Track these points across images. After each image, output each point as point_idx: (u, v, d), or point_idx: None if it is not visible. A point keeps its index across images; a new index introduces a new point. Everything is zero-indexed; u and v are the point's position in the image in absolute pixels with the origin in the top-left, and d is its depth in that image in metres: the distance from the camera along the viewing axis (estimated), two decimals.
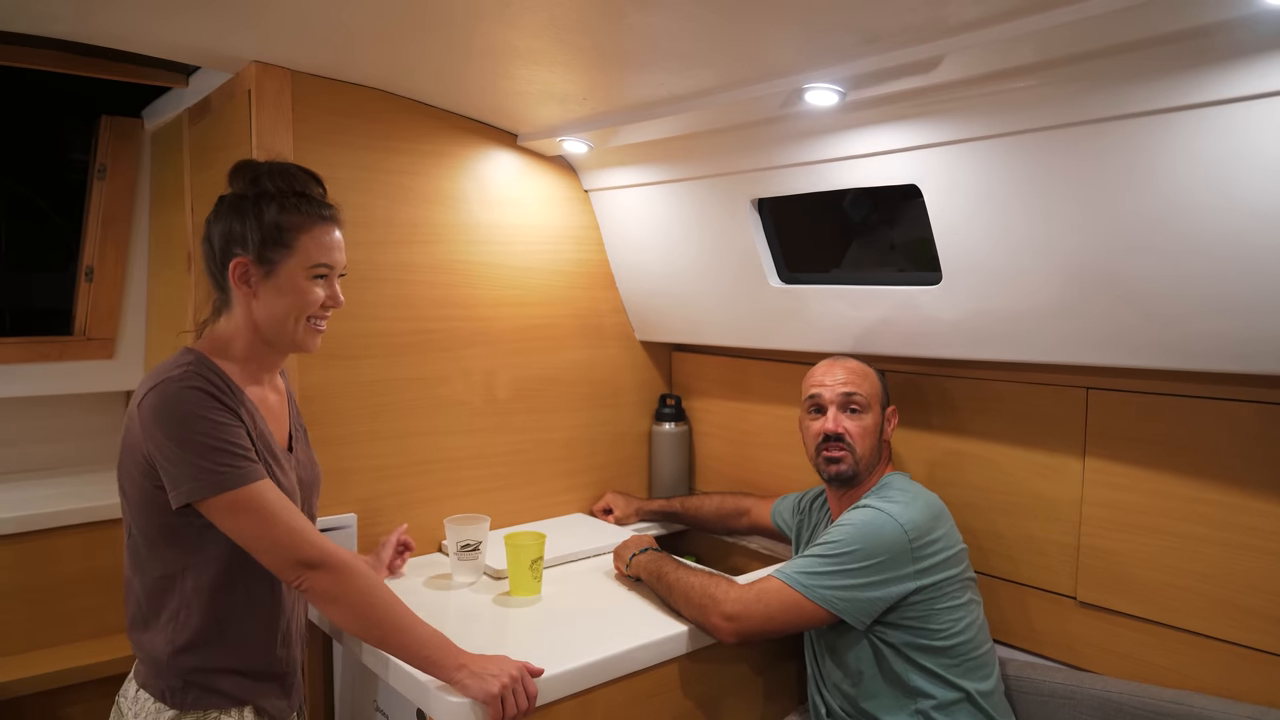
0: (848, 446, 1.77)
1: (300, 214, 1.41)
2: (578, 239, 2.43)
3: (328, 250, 1.43)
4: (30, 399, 2.81)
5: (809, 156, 1.84)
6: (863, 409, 1.79)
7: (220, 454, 1.28)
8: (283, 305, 1.40)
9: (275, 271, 1.39)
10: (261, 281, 1.39)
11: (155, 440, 1.29)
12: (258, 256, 1.38)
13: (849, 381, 1.80)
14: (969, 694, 1.61)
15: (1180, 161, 1.33)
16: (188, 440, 1.27)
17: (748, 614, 1.60)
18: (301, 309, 1.42)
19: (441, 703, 1.40)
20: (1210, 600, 1.59)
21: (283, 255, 1.39)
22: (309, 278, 1.41)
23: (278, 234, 1.38)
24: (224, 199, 1.43)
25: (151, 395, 1.30)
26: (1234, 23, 1.15)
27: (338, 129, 1.96)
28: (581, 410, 2.47)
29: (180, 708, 1.36)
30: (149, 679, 1.39)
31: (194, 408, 1.29)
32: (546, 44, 1.64)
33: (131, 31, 1.82)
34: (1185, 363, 1.52)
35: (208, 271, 1.44)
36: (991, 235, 1.64)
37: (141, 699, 1.38)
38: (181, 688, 1.37)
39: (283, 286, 1.40)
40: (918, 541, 1.61)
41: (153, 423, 1.29)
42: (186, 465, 1.27)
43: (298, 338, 1.43)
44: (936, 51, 1.37)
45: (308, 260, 1.41)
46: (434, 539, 2.16)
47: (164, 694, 1.37)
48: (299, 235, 1.40)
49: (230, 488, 1.28)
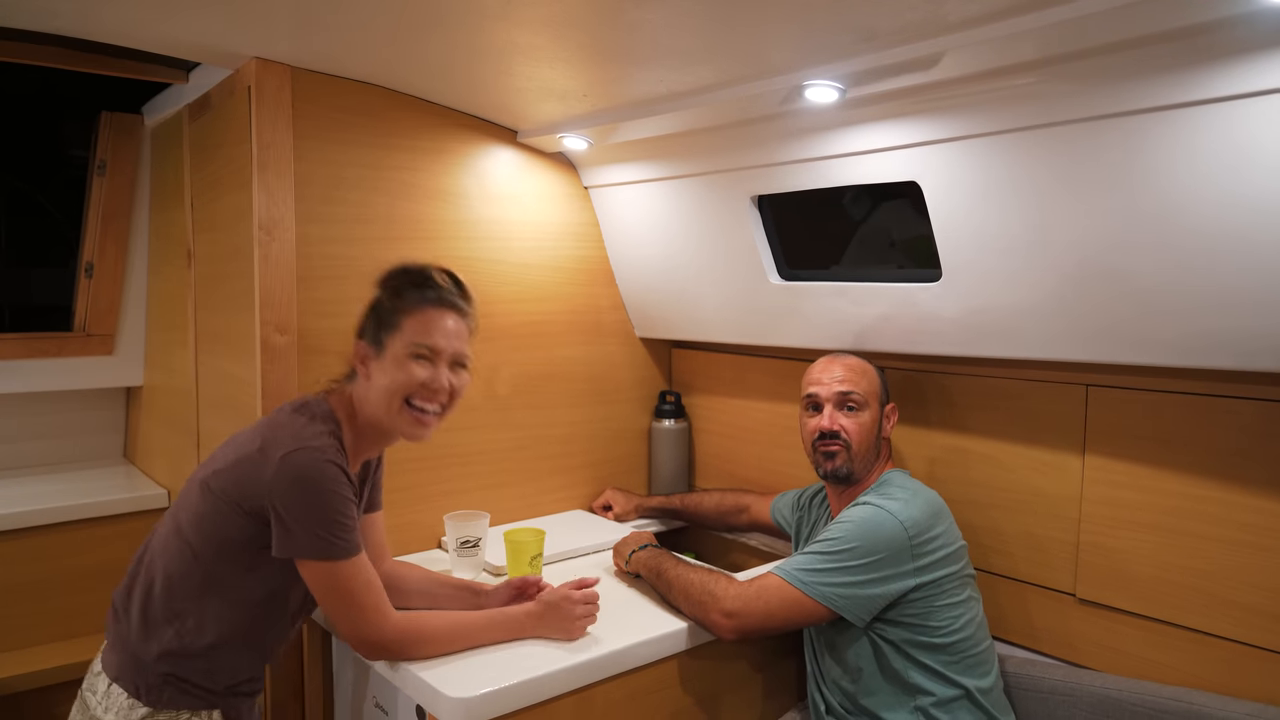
0: (843, 443, 1.77)
1: (409, 298, 1.49)
2: (577, 235, 2.43)
3: (430, 331, 1.48)
4: (30, 395, 2.81)
5: (809, 153, 1.84)
6: (860, 406, 1.79)
7: (338, 526, 1.38)
8: (384, 383, 1.47)
9: (383, 351, 1.48)
10: (373, 361, 1.49)
11: (283, 497, 1.36)
12: (373, 339, 1.49)
13: (846, 379, 1.80)
14: (968, 691, 1.61)
15: (1179, 159, 1.33)
16: (315, 507, 1.37)
17: (747, 611, 1.60)
18: (399, 387, 1.46)
19: (441, 699, 1.41)
20: (1209, 597, 1.59)
21: (390, 335, 1.48)
22: (409, 356, 1.46)
23: (388, 316, 1.49)
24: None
25: (297, 458, 1.37)
26: (1233, 20, 1.15)
27: (338, 125, 1.96)
28: (581, 407, 2.47)
29: (155, 705, 1.39)
30: (123, 673, 1.41)
31: (330, 483, 1.38)
32: (546, 40, 1.64)
33: (132, 27, 1.82)
34: (1185, 360, 1.52)
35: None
36: (991, 232, 1.64)
37: (114, 694, 1.40)
38: (159, 685, 1.39)
39: (386, 365, 1.47)
40: (918, 539, 1.61)
41: (290, 483, 1.36)
42: (306, 528, 1.37)
43: (397, 420, 1.48)
44: (936, 48, 1.37)
45: (409, 338, 1.47)
46: (433, 535, 2.16)
47: (139, 690, 1.39)
48: (405, 316, 1.48)
49: (335, 558, 1.39)
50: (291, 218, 1.90)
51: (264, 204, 1.86)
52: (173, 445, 2.60)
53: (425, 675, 1.45)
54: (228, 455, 1.45)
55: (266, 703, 1.96)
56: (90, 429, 3.03)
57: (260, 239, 1.86)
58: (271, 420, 1.46)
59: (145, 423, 2.91)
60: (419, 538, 2.13)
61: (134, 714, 1.38)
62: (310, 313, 1.94)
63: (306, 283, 1.93)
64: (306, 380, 1.92)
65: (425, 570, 1.78)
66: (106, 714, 1.39)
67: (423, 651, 1.50)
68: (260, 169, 1.86)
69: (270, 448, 1.39)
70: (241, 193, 1.94)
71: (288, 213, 1.89)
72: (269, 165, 1.86)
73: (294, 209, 1.90)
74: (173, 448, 2.60)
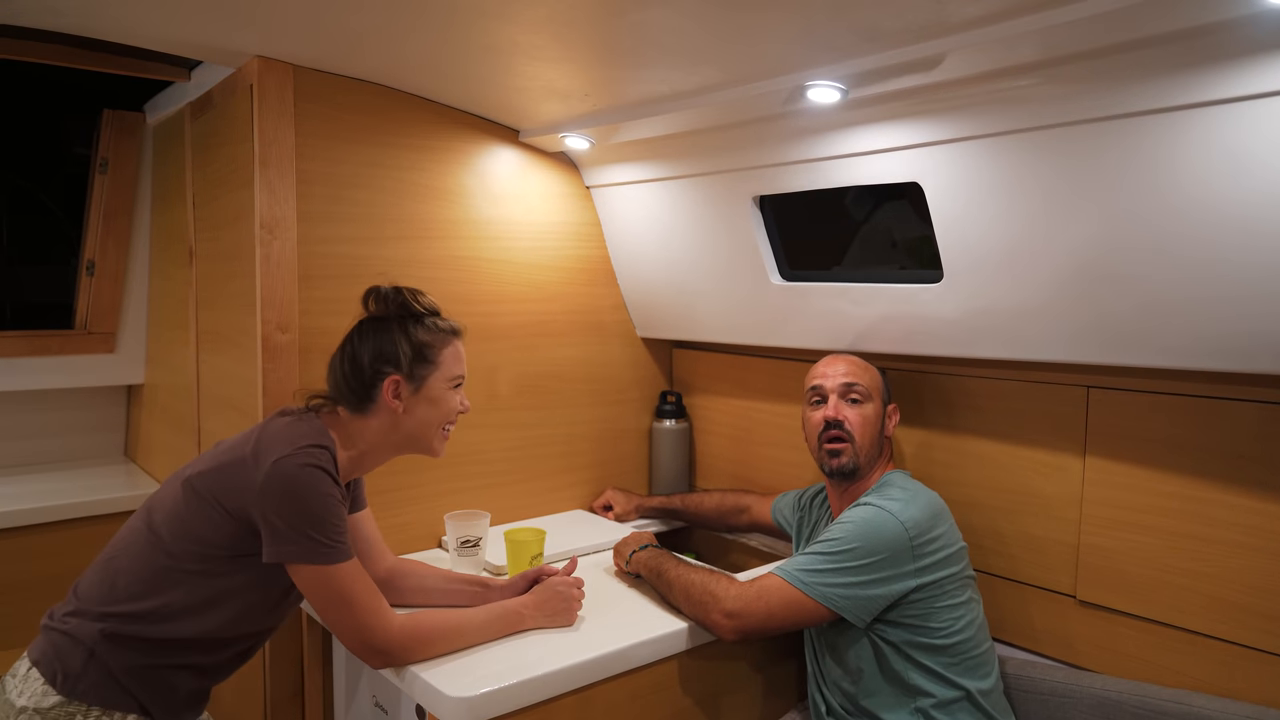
0: (848, 436, 1.77)
1: (440, 333, 1.59)
2: (579, 235, 2.43)
3: (460, 362, 1.62)
4: (31, 393, 2.82)
5: (811, 154, 1.84)
6: (864, 399, 1.80)
7: (332, 529, 1.40)
8: (430, 416, 1.57)
9: (423, 386, 1.55)
10: (411, 396, 1.55)
11: (275, 501, 1.37)
12: (409, 374, 1.54)
13: (850, 373, 1.82)
14: (968, 692, 1.61)
15: (1181, 161, 1.33)
16: (308, 512, 1.38)
17: (748, 611, 1.60)
18: (444, 417, 1.59)
19: (442, 699, 1.41)
20: (1210, 599, 1.59)
21: (429, 371, 1.56)
22: (450, 388, 1.59)
23: (427, 352, 1.56)
24: (367, 322, 1.58)
25: (285, 464, 1.38)
26: (1235, 22, 1.15)
27: (340, 124, 1.96)
28: (582, 407, 2.47)
29: (70, 694, 1.36)
30: (45, 656, 1.38)
31: (323, 486, 1.40)
32: (548, 40, 1.64)
33: (134, 26, 1.82)
34: (1186, 362, 1.52)
35: (344, 379, 1.55)
36: (993, 233, 1.64)
37: (32, 678, 1.37)
38: (80, 670, 1.36)
39: (430, 399, 1.56)
40: (918, 539, 1.61)
41: (282, 487, 1.38)
42: (300, 531, 1.38)
43: (434, 443, 1.61)
44: (938, 49, 1.37)
45: (449, 373, 1.58)
46: (434, 535, 2.16)
47: (56, 676, 1.36)
48: (440, 351, 1.58)
49: (331, 562, 1.40)
50: (293, 216, 1.90)
51: (266, 202, 1.86)
52: (174, 443, 2.60)
53: (426, 675, 1.45)
54: (216, 458, 1.45)
55: (266, 703, 1.96)
56: (91, 427, 3.03)
57: (262, 237, 1.86)
58: (265, 426, 1.48)
59: (146, 421, 2.92)
60: (419, 537, 2.13)
61: (46, 700, 1.35)
62: (312, 311, 1.94)
63: (308, 281, 1.93)
64: (307, 379, 1.92)
65: (432, 567, 1.79)
66: (19, 698, 1.36)
67: (427, 652, 1.50)
68: (262, 167, 1.86)
69: (263, 453, 1.40)
70: (243, 191, 1.94)
71: (289, 211, 1.90)
72: (271, 164, 1.87)
73: (296, 207, 1.90)
74: (174, 446, 2.60)
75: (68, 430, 2.98)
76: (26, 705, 1.35)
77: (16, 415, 2.85)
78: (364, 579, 1.44)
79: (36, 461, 2.90)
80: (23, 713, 1.35)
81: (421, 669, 1.47)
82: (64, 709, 1.35)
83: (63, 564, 2.45)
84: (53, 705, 1.35)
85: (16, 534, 2.40)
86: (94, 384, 2.92)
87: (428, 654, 1.50)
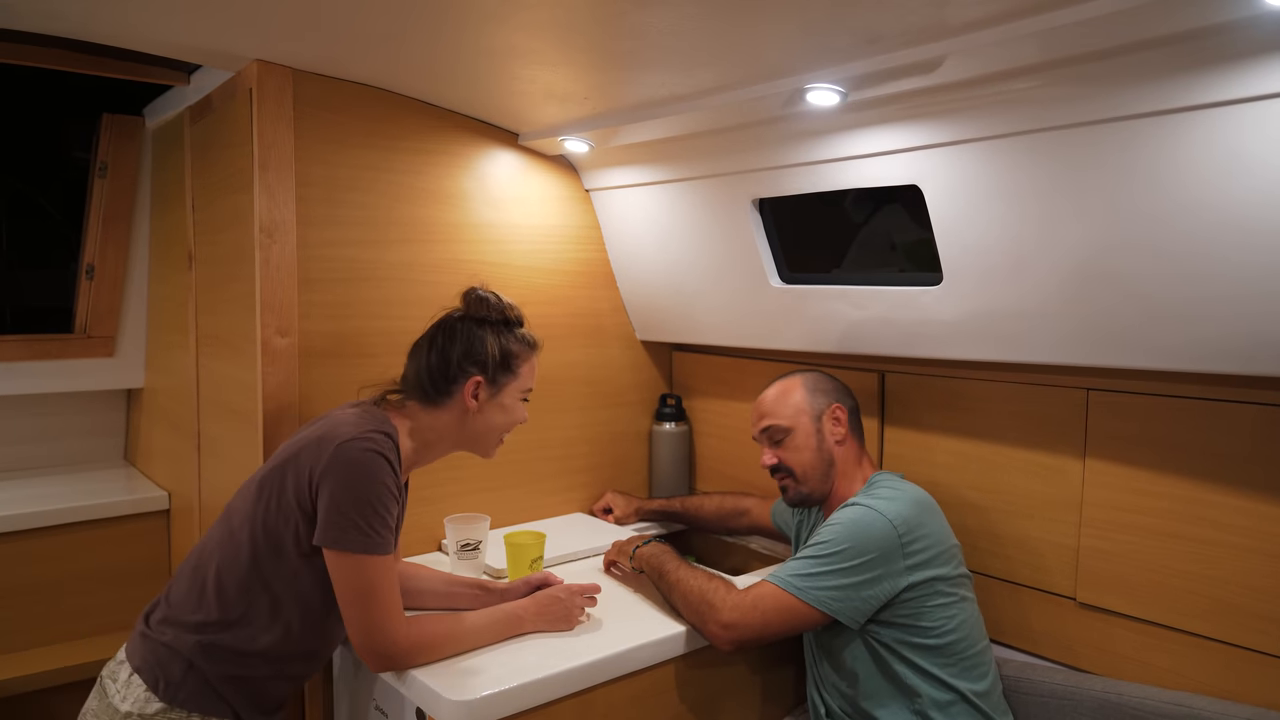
0: (787, 473, 1.83)
1: (524, 344, 1.65)
2: (579, 238, 2.43)
3: (534, 377, 1.68)
4: (30, 397, 2.81)
5: (810, 157, 1.84)
6: (785, 434, 1.82)
7: (378, 520, 1.42)
8: (499, 421, 1.64)
9: (500, 392, 1.62)
10: (488, 399, 1.61)
11: (331, 482, 1.41)
12: (491, 378, 1.59)
13: (765, 414, 1.86)
14: (964, 694, 1.61)
15: (1181, 163, 1.33)
16: (361, 497, 1.41)
17: (744, 622, 1.60)
18: (509, 425, 1.66)
19: (442, 702, 1.40)
20: (1209, 602, 1.59)
21: (508, 379, 1.62)
22: (520, 399, 1.66)
23: (511, 362, 1.62)
24: (460, 320, 1.63)
25: (353, 447, 1.42)
26: (1235, 24, 1.15)
27: (339, 127, 1.96)
28: (582, 410, 2.47)
29: (171, 702, 1.40)
30: (146, 664, 1.43)
31: (381, 474, 1.43)
32: (548, 44, 1.64)
33: (133, 30, 1.82)
34: (1185, 364, 1.52)
35: (428, 370, 1.60)
36: (992, 236, 1.64)
37: (134, 684, 1.42)
38: (180, 678, 1.41)
39: (503, 405, 1.63)
40: (907, 536, 1.61)
41: (341, 469, 1.41)
42: (348, 516, 1.40)
43: (493, 447, 1.67)
44: (938, 52, 1.37)
45: (523, 385, 1.65)
46: (434, 538, 2.16)
47: (158, 684, 1.41)
48: (522, 363, 1.65)
49: (369, 552, 1.41)
50: (293, 220, 1.90)
51: (265, 206, 1.86)
52: (173, 447, 2.60)
53: (425, 678, 1.45)
54: (282, 454, 1.49)
55: None
56: (91, 431, 3.03)
57: (261, 241, 1.86)
58: (331, 415, 1.52)
59: (146, 425, 2.91)
60: (419, 540, 2.13)
61: (149, 707, 1.40)
62: (312, 315, 1.94)
63: (308, 285, 1.93)
64: (307, 383, 1.92)
65: (435, 570, 1.80)
66: (123, 703, 1.40)
67: (429, 657, 1.50)
68: (261, 171, 1.86)
69: (328, 438, 1.43)
70: (243, 195, 1.94)
71: (289, 215, 1.90)
72: (270, 167, 1.87)
73: (295, 211, 1.90)
74: (173, 450, 2.60)
75: (67, 434, 2.97)
76: (131, 711, 1.40)
77: (16, 419, 2.85)
78: (391, 578, 1.45)
79: (36, 466, 2.90)
80: (128, 718, 1.39)
81: (421, 672, 1.47)
82: (166, 716, 1.40)
83: (62, 568, 2.46)
84: (156, 712, 1.40)
85: (16, 538, 2.40)
86: (93, 388, 2.92)
87: (429, 659, 1.50)
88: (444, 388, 1.58)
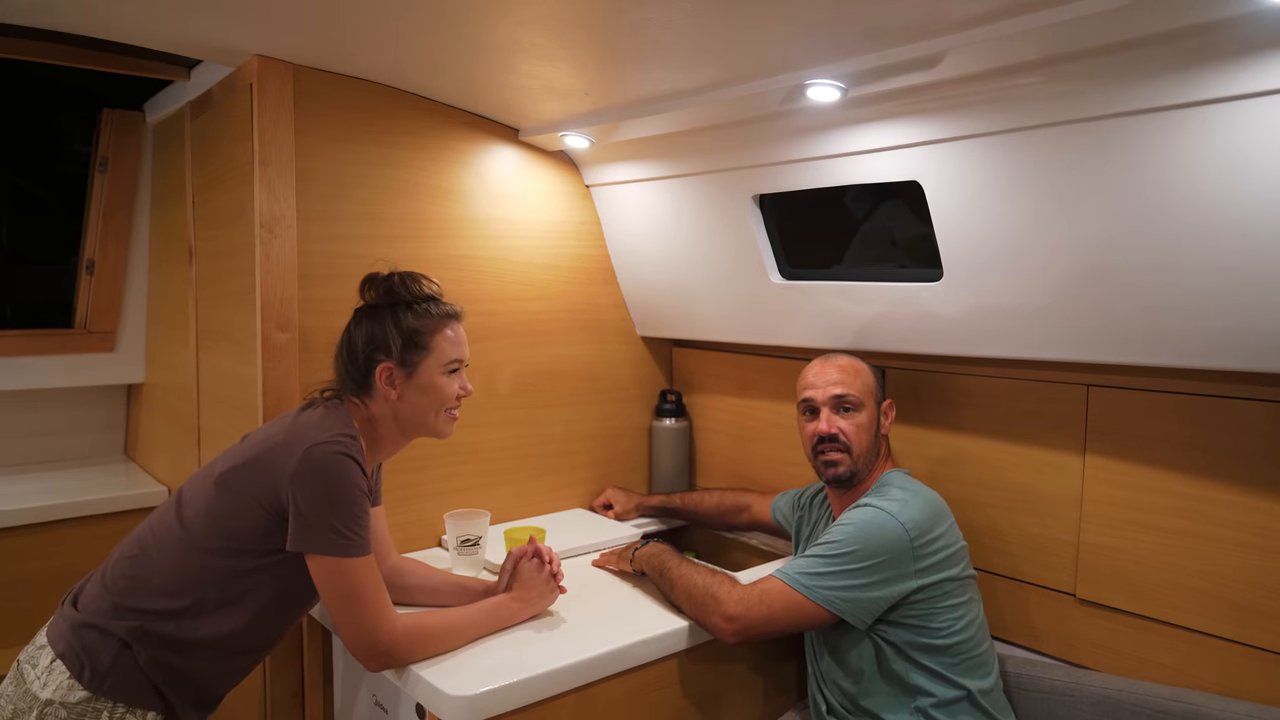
0: (844, 447, 1.76)
1: (432, 317, 1.57)
2: (579, 234, 2.43)
3: (458, 346, 1.60)
4: (30, 391, 2.81)
5: (810, 152, 1.84)
6: (856, 407, 1.77)
7: (354, 522, 1.41)
8: (426, 401, 1.57)
9: (416, 372, 1.55)
10: (405, 382, 1.55)
11: (304, 489, 1.39)
12: (400, 360, 1.54)
13: (840, 381, 1.79)
14: (969, 692, 1.61)
15: (1182, 159, 1.33)
16: (334, 504, 1.40)
17: (749, 615, 1.60)
18: (441, 403, 1.58)
19: (442, 698, 1.41)
20: (1210, 598, 1.59)
21: (422, 357, 1.55)
22: (445, 374, 1.58)
23: (417, 338, 1.55)
24: (361, 310, 1.59)
25: (317, 452, 1.40)
26: (1235, 20, 1.15)
27: (339, 123, 1.96)
28: (582, 405, 2.47)
29: (96, 691, 1.35)
30: (71, 649, 1.37)
31: (352, 477, 1.42)
32: (548, 39, 1.64)
33: (133, 25, 1.82)
34: (1185, 360, 1.52)
35: (343, 366, 1.58)
36: (993, 232, 1.64)
37: (56, 670, 1.36)
38: (109, 666, 1.36)
39: (424, 385, 1.56)
40: (919, 540, 1.60)
41: (313, 475, 1.39)
42: (324, 521, 1.39)
43: (437, 426, 1.60)
44: (938, 48, 1.37)
45: (443, 358, 1.57)
46: (434, 534, 2.16)
47: (83, 671, 1.35)
48: (433, 337, 1.56)
49: (349, 555, 1.41)
50: (293, 215, 1.90)
51: (265, 201, 1.86)
52: (173, 442, 2.60)
53: (426, 673, 1.45)
54: (247, 452, 1.47)
55: (266, 703, 1.96)
56: (91, 426, 3.03)
57: (261, 236, 1.86)
58: (297, 417, 1.50)
59: (146, 420, 2.92)
60: (419, 536, 2.13)
61: (72, 695, 1.34)
62: (311, 310, 1.94)
63: (308, 280, 1.93)
64: (307, 377, 1.92)
65: (429, 567, 1.79)
66: (44, 690, 1.34)
67: (423, 653, 1.50)
68: (261, 166, 1.86)
69: (296, 441, 1.42)
70: (243, 190, 1.94)
71: (289, 210, 1.89)
72: (270, 162, 1.86)
73: (295, 206, 1.90)
74: (173, 445, 2.60)
75: (67, 429, 2.98)
76: (52, 699, 1.34)
77: (16, 414, 2.85)
78: (376, 577, 1.45)
79: (36, 460, 2.90)
80: (48, 705, 1.33)
81: (421, 667, 1.47)
82: (90, 705, 1.35)
83: (62, 563, 2.45)
84: (79, 700, 1.34)
85: (16, 533, 2.40)
86: (94, 383, 2.92)
87: (424, 655, 1.50)
88: (362, 381, 1.56)
